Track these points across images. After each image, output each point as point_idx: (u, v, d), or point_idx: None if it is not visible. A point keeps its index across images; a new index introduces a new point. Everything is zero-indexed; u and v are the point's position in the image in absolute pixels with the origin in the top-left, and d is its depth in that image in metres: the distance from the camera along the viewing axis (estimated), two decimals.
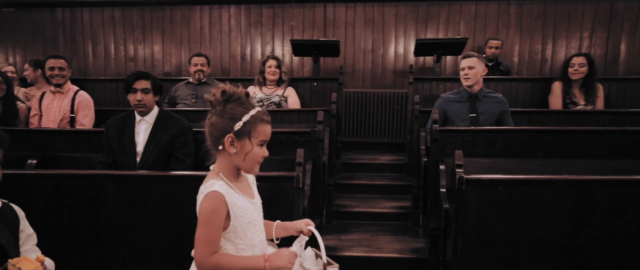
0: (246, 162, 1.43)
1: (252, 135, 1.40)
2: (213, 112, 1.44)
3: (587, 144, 2.91)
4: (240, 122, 1.39)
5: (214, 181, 1.42)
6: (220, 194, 1.39)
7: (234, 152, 1.41)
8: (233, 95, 1.41)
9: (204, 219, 1.40)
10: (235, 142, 1.41)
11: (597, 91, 4.09)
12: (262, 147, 1.44)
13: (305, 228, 1.56)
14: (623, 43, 5.40)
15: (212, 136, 1.44)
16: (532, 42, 5.54)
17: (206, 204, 1.39)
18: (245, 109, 1.41)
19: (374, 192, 4.20)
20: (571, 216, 2.17)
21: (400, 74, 5.68)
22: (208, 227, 1.39)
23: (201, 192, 1.44)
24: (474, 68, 3.43)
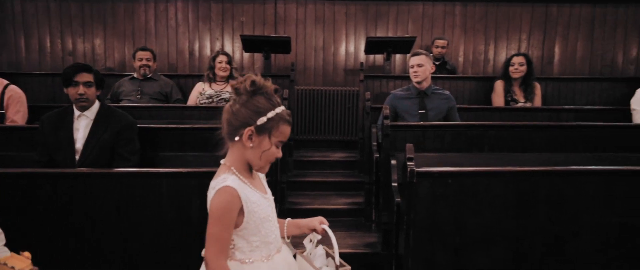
0: (260, 160, 1.36)
1: (272, 134, 1.35)
2: (237, 100, 1.36)
3: (529, 138, 3.06)
4: (265, 118, 1.33)
5: (226, 176, 1.34)
6: (234, 189, 1.31)
7: (250, 147, 1.35)
8: (262, 87, 1.35)
9: (215, 215, 1.31)
10: (254, 136, 1.34)
11: (535, 89, 4.32)
12: (278, 147, 1.39)
13: (319, 226, 1.51)
14: (557, 45, 5.76)
15: (230, 125, 1.37)
16: (476, 42, 5.77)
17: (218, 200, 1.31)
18: (272, 105, 1.35)
19: (327, 189, 4.21)
20: (515, 206, 2.26)
21: (351, 72, 5.73)
22: (219, 224, 1.31)
23: (212, 187, 1.35)
24: (423, 66, 3.51)
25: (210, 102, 4.20)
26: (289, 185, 4.04)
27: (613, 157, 2.92)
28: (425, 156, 3.00)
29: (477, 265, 2.27)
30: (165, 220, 2.16)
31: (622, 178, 2.23)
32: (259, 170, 1.42)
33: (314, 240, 1.50)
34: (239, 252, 1.38)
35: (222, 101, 4.21)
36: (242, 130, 1.33)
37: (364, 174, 4.06)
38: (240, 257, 1.38)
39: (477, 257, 2.27)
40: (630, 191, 2.21)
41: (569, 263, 2.24)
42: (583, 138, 3.03)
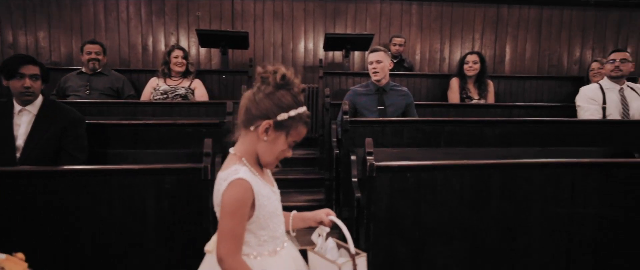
0: (270, 155, 1.32)
1: (290, 133, 1.31)
2: (261, 88, 1.29)
3: (482, 133, 3.15)
4: (286, 115, 1.28)
5: (237, 167, 1.28)
6: (247, 181, 1.25)
7: (263, 140, 1.29)
8: (290, 84, 1.29)
9: (229, 209, 1.24)
10: (271, 131, 1.29)
11: (488, 87, 4.47)
12: (290, 148, 1.35)
13: (326, 218, 1.48)
14: (508, 45, 5.99)
15: (248, 112, 1.30)
16: (432, 41, 5.91)
17: (231, 192, 1.24)
18: (296, 103, 1.30)
19: (287, 187, 4.16)
20: (471, 199, 2.31)
21: (310, 68, 5.71)
22: (234, 218, 1.24)
23: (223, 179, 1.27)
24: (382, 62, 3.54)
25: (165, 98, 4.05)
26: None
27: (560, 150, 3.06)
28: (384, 151, 3.02)
29: (435, 258, 2.30)
30: (116, 221, 2.06)
31: (569, 170, 2.33)
32: (265, 165, 1.36)
33: (322, 234, 1.46)
34: (246, 246, 1.32)
35: (177, 97, 4.08)
36: (260, 122, 1.28)
37: (324, 171, 4.05)
38: (247, 252, 1.33)
39: (436, 250, 2.31)
40: (576, 183, 2.32)
41: (521, 252, 2.31)
42: (533, 133, 3.15)
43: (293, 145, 1.35)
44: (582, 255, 2.34)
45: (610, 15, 6.06)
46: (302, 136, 1.35)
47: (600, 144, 3.13)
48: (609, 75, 3.64)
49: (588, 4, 5.96)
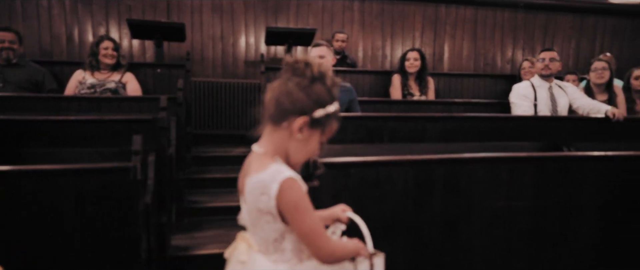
0: (302, 155, 1.22)
1: (325, 130, 1.20)
2: (294, 80, 1.17)
3: (424, 129, 3.18)
4: (324, 111, 1.17)
5: (277, 166, 1.16)
6: (296, 179, 1.15)
7: (297, 137, 1.18)
8: (326, 77, 1.18)
9: (300, 209, 1.15)
10: (306, 128, 1.17)
11: (428, 84, 4.55)
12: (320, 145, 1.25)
13: (343, 215, 1.40)
14: (446, 43, 6.17)
15: (279, 106, 1.17)
16: (374, 38, 5.95)
17: (291, 193, 1.13)
18: (331, 98, 1.19)
19: (229, 186, 4.00)
20: (414, 194, 2.31)
21: (252, 63, 5.55)
22: (308, 215, 1.15)
23: (267, 181, 1.14)
24: (325, 57, 3.47)
25: (92, 92, 3.74)
26: (187, 182, 3.77)
27: (497, 145, 3.16)
28: (328, 148, 2.93)
29: None
30: (31, 230, 1.83)
31: (506, 164, 2.39)
32: (293, 166, 1.23)
33: (337, 231, 1.39)
34: (289, 252, 1.23)
35: (107, 91, 3.78)
36: (294, 118, 1.16)
37: None
38: (290, 258, 1.23)
39: (381, 246, 2.26)
40: (514, 176, 2.38)
41: (463, 246, 2.34)
42: (472, 128, 3.23)
43: (325, 143, 1.25)
44: (521, 246, 2.41)
45: (538, 18, 6.42)
46: (332, 133, 1.25)
47: (532, 139, 3.27)
48: (539, 74, 3.82)
49: (518, 6, 6.28)
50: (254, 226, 1.23)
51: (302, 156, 1.23)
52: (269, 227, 1.19)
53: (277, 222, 1.18)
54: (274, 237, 1.21)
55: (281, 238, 1.21)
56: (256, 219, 1.20)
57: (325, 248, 1.19)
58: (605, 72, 3.90)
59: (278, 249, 1.22)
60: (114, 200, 1.94)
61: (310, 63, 1.18)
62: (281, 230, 1.20)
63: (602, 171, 2.49)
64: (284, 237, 1.21)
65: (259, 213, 1.18)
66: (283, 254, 1.23)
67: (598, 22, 6.60)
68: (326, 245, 1.19)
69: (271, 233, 1.20)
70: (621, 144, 3.31)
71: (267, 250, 1.23)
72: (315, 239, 1.17)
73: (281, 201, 1.14)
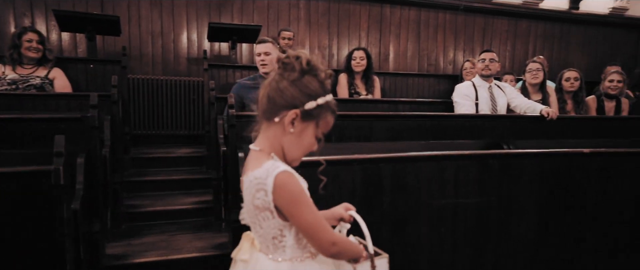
0: (297, 150, 1.21)
1: (319, 123, 1.20)
2: (284, 76, 1.17)
3: (371, 127, 3.17)
4: (314, 103, 1.16)
5: (273, 162, 1.16)
6: (292, 173, 1.15)
7: (290, 131, 1.17)
8: (317, 69, 1.17)
9: (297, 202, 1.14)
10: (298, 122, 1.17)
11: (374, 82, 4.58)
12: (318, 141, 1.23)
13: (346, 214, 1.37)
14: (391, 43, 6.26)
15: (271, 101, 1.18)
16: (320, 37, 5.91)
17: (286, 188, 1.13)
18: (323, 90, 1.19)
19: (171, 189, 3.82)
20: (364, 194, 2.28)
21: (195, 60, 5.33)
22: (307, 208, 1.15)
23: (262, 177, 1.13)
24: (270, 54, 3.38)
25: (14, 88, 3.40)
26: (124, 186, 3.54)
27: (442, 143, 3.21)
28: None
29: None
30: None
31: (452, 162, 2.42)
32: (291, 162, 1.23)
33: (342, 231, 1.36)
34: (289, 249, 1.22)
35: (31, 88, 3.45)
36: (286, 112, 1.16)
37: (212, 170, 3.77)
38: (291, 255, 1.22)
39: None
40: (458, 174, 2.42)
41: (411, 245, 2.34)
42: (418, 127, 3.26)
43: (321, 137, 1.24)
44: (465, 243, 2.45)
45: (476, 21, 6.68)
46: (330, 127, 1.24)
47: (475, 137, 3.36)
48: (480, 74, 3.94)
49: (458, 9, 6.49)
50: (253, 225, 1.22)
51: (299, 151, 1.22)
52: (267, 224, 1.18)
53: (275, 218, 1.17)
54: (273, 234, 1.20)
55: (281, 235, 1.20)
56: (255, 217, 1.19)
57: (327, 239, 1.17)
58: (539, 73, 4.10)
59: (278, 247, 1.22)
60: (35, 208, 1.74)
61: (299, 56, 1.17)
62: (280, 226, 1.19)
63: (540, 168, 2.59)
64: (283, 234, 1.20)
65: (257, 210, 1.17)
66: (284, 252, 1.22)
67: (531, 26, 6.97)
68: (328, 237, 1.17)
69: (270, 230, 1.19)
70: (554, 142, 3.49)
71: (267, 249, 1.23)
72: (316, 231, 1.16)
73: (277, 196, 1.13)
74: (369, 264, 1.25)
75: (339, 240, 1.20)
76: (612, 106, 4.25)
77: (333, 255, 1.20)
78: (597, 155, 2.68)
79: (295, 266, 1.22)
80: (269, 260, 1.23)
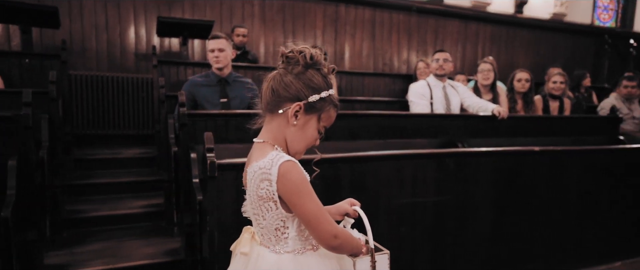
0: (300, 142, 1.23)
1: (321, 116, 1.22)
2: (288, 69, 1.20)
3: (330, 126, 3.12)
4: (318, 96, 1.19)
5: (277, 153, 1.18)
6: (296, 163, 1.17)
7: (293, 124, 1.20)
8: (320, 63, 1.20)
9: (303, 191, 1.15)
10: (301, 114, 1.20)
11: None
12: (320, 136, 1.26)
13: (351, 209, 1.38)
14: (347, 43, 6.26)
15: (275, 94, 1.20)
16: (275, 35, 5.82)
17: (290, 176, 1.14)
18: (326, 84, 1.21)
19: (119, 192, 3.61)
20: (322, 194, 2.22)
21: (143, 57, 5.08)
22: (310, 198, 1.16)
23: (266, 167, 1.15)
24: (224, 50, 3.26)
25: None
26: (66, 190, 3.31)
27: (400, 142, 3.22)
28: (229, 148, 2.76)
29: None
30: None
31: (410, 160, 2.42)
32: (294, 154, 1.24)
33: (347, 226, 1.36)
34: (291, 241, 1.23)
35: None
36: (289, 104, 1.19)
37: (163, 171, 3.59)
38: (293, 248, 1.23)
39: None
40: (416, 173, 2.42)
41: None
42: (376, 126, 3.25)
43: (322, 131, 1.26)
44: (424, 242, 2.46)
45: (429, 22, 6.82)
46: (332, 121, 1.27)
47: (430, 136, 3.40)
48: (434, 74, 4.00)
49: (411, 10, 6.60)
50: (256, 216, 1.24)
51: (301, 144, 1.24)
52: (270, 215, 1.20)
53: (279, 209, 1.18)
54: (276, 225, 1.21)
55: (283, 227, 1.21)
56: (258, 208, 1.21)
57: (329, 231, 1.17)
58: (490, 73, 4.21)
59: (280, 239, 1.22)
60: None
61: (303, 51, 1.19)
62: (283, 218, 1.20)
63: (494, 166, 2.64)
64: (286, 225, 1.21)
65: (261, 201, 1.19)
66: (286, 244, 1.23)
67: (479, 29, 7.21)
68: (330, 228, 1.17)
69: (273, 222, 1.20)
70: (505, 140, 3.60)
71: (269, 241, 1.23)
72: (319, 222, 1.16)
73: (281, 185, 1.15)
74: (369, 259, 1.25)
75: (341, 233, 1.20)
76: (556, 106, 4.45)
77: (334, 248, 1.21)
78: (546, 153, 2.77)
79: (297, 258, 1.23)
80: (270, 252, 1.23)
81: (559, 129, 3.90)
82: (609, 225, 3.05)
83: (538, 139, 3.73)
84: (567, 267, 2.93)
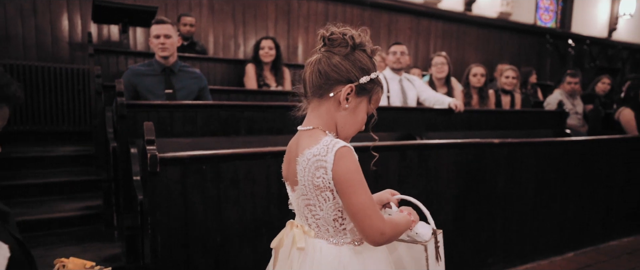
0: (352, 125, 1.18)
1: (369, 96, 1.17)
2: (335, 51, 1.14)
3: (286, 119, 2.95)
4: (368, 77, 1.15)
5: (331, 138, 1.13)
6: (352, 149, 1.12)
7: (345, 107, 1.15)
8: (364, 44, 1.15)
9: (356, 182, 1.08)
10: (353, 97, 1.15)
11: (284, 74, 4.37)
12: (370, 118, 1.22)
13: (392, 198, 1.37)
14: (300, 36, 6.09)
15: (324, 77, 1.13)
16: (225, 25, 5.55)
17: (346, 164, 1.08)
18: (373, 65, 1.17)
19: (50, 194, 3.29)
20: (279, 191, 2.06)
21: (79, 46, 4.65)
22: (364, 187, 1.09)
23: (321, 154, 1.09)
24: (170, 37, 2.99)
25: None
26: None
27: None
28: (173, 142, 2.53)
29: (241, 262, 1.96)
30: None
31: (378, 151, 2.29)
32: (345, 139, 1.18)
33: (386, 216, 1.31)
34: (350, 232, 1.18)
35: None
36: (340, 87, 1.13)
37: (101, 171, 3.28)
38: (352, 238, 1.19)
39: (243, 253, 1.97)
40: (379, 166, 2.30)
41: None
42: None
43: (373, 113, 1.22)
44: None
45: (382, 17, 6.79)
46: (379, 103, 1.22)
47: (388, 129, 3.31)
48: (391, 67, 3.92)
49: (365, 4, 6.54)
50: (311, 207, 1.17)
51: (352, 128, 1.19)
52: (328, 205, 1.14)
53: (336, 198, 1.12)
54: (335, 216, 1.15)
55: (342, 218, 1.16)
56: (315, 199, 1.15)
57: (378, 228, 1.11)
58: (445, 66, 4.20)
59: (338, 231, 1.17)
60: None
61: (346, 32, 1.14)
62: (340, 207, 1.14)
63: (456, 158, 2.58)
64: (344, 216, 1.16)
65: (318, 191, 1.13)
66: (345, 236, 1.18)
67: (431, 25, 7.29)
68: (379, 225, 1.11)
69: (331, 212, 1.15)
70: (461, 133, 3.58)
71: (327, 233, 1.18)
72: (368, 216, 1.10)
73: (337, 172, 1.09)
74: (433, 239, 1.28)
75: (389, 229, 1.13)
76: (507, 100, 4.52)
77: (379, 244, 1.14)
78: (505, 145, 2.75)
79: (357, 249, 1.18)
80: (329, 245, 1.17)
81: (512, 123, 3.95)
82: (562, 216, 3.10)
83: (493, 132, 3.75)
84: (524, 258, 2.94)
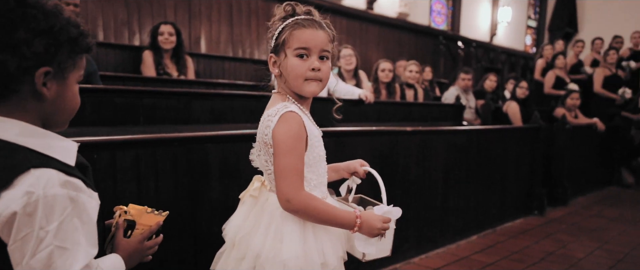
0: (289, 80, 1.22)
1: (286, 46, 1.20)
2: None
3: (191, 108, 2.70)
4: (273, 39, 1.23)
5: (284, 103, 1.21)
6: (299, 115, 1.19)
7: (276, 73, 1.25)
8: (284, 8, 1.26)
9: (286, 145, 1.16)
10: (275, 58, 1.23)
11: (187, 63, 4.06)
12: (305, 58, 1.20)
13: (360, 169, 1.40)
14: (203, 26, 5.73)
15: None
16: (117, 9, 5.01)
17: (285, 127, 1.16)
18: (283, 21, 1.22)
19: None
20: (189, 182, 1.84)
21: None
22: (293, 153, 1.15)
23: (271, 114, 1.19)
24: None
25: None
26: None
27: None
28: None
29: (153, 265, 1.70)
30: None
31: None
32: (297, 90, 1.23)
33: (352, 186, 1.40)
34: None
35: None
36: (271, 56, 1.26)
37: None
38: None
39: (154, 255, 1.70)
40: None
41: None
42: (243, 108, 2.93)
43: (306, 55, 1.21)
44: None
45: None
46: (304, 39, 1.20)
47: None
48: None
49: None
50: (266, 163, 1.25)
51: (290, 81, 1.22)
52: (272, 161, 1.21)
53: None
54: None
55: None
56: (264, 155, 1.24)
57: (285, 193, 1.15)
58: (353, 58, 4.23)
59: None
60: None
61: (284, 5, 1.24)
62: None
63: (371, 145, 2.56)
64: None
65: (266, 147, 1.22)
66: None
67: (335, 21, 7.26)
68: (289, 191, 1.14)
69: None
70: (372, 125, 3.61)
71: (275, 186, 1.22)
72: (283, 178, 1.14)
73: (275, 132, 1.16)
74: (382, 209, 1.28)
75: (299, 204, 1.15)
76: (411, 94, 4.70)
77: (285, 209, 1.17)
78: (417, 132, 2.81)
79: None
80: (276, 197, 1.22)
81: (418, 115, 4.10)
82: (466, 201, 3.26)
83: (401, 123, 3.85)
84: (435, 243, 3.03)
